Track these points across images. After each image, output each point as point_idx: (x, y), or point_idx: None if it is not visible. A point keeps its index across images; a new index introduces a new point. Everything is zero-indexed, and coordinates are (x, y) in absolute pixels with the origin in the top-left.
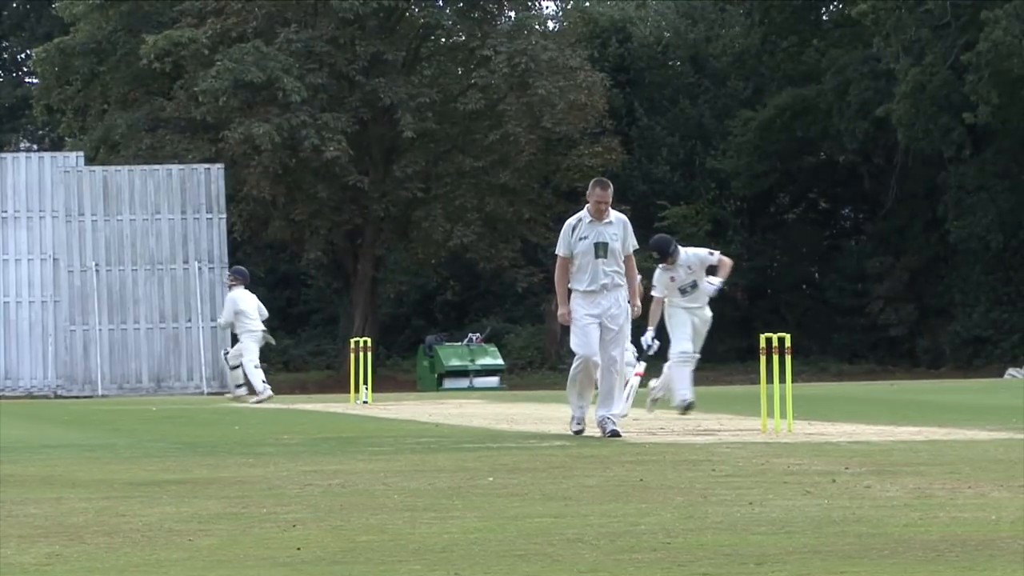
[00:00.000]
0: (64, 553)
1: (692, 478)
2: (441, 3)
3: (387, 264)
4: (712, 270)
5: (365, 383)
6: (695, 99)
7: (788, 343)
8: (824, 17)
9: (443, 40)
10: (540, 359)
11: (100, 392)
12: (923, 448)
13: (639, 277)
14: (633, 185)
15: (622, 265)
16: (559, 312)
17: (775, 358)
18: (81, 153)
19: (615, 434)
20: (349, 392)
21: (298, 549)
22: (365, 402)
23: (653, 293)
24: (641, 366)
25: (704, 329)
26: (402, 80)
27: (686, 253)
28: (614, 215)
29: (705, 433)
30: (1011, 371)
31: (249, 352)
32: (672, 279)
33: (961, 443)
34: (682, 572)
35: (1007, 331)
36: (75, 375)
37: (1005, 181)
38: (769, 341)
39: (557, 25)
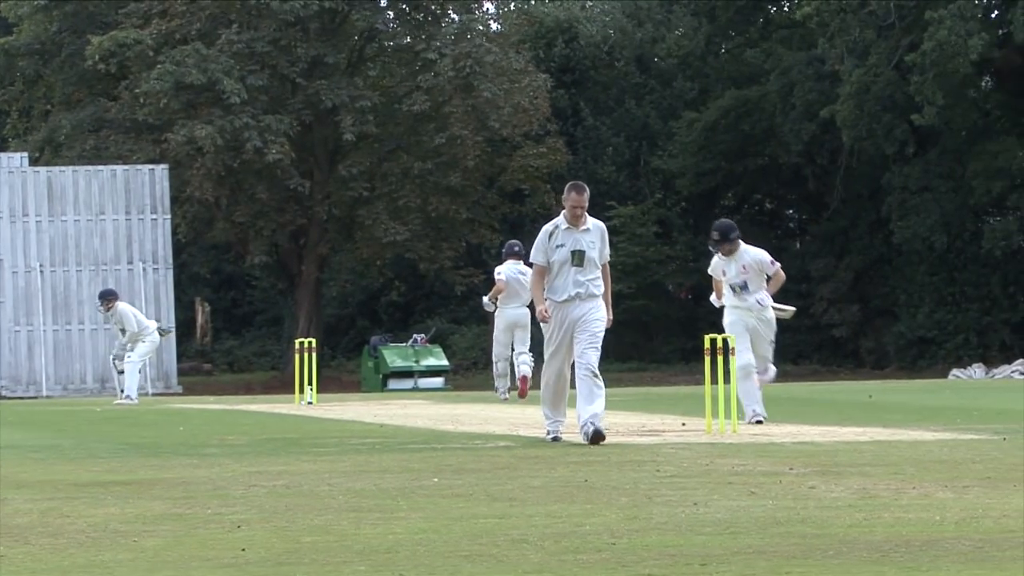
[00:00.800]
0: (8, 554)
1: (637, 479)
2: (384, 3)
3: (331, 265)
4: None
5: (310, 384)
6: (641, 99)
7: (732, 344)
8: (769, 18)
9: (387, 43)
10: (485, 360)
11: (45, 393)
12: (867, 449)
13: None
14: None
15: (599, 274)
16: (538, 310)
17: (719, 359)
18: (25, 154)
19: (599, 434)
20: (294, 393)
21: (243, 550)
22: (310, 403)
23: (710, 271)
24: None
25: (768, 333)
26: (344, 82)
27: (746, 250)
28: (591, 222)
29: (650, 434)
30: (955, 372)
31: (144, 355)
32: (724, 272)
33: (905, 444)
34: (627, 573)
35: (951, 332)
36: (19, 376)
37: (949, 182)
38: (714, 342)
39: (500, 26)
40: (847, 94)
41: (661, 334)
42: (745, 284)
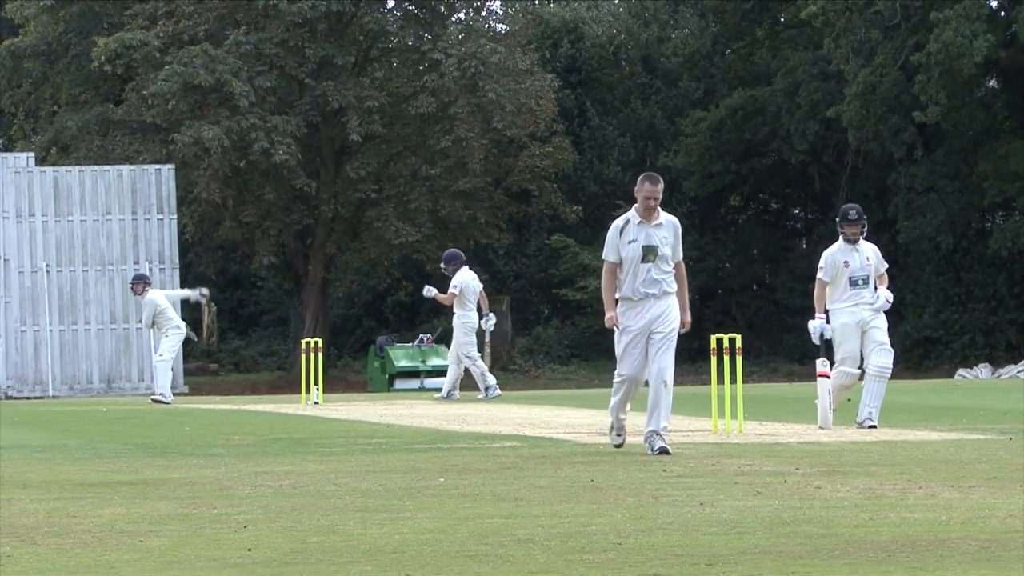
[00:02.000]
0: (14, 554)
1: (643, 479)
2: (392, 3)
3: (338, 265)
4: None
5: (316, 384)
6: (647, 100)
7: (739, 344)
8: (775, 18)
9: (392, 43)
10: (491, 360)
11: (51, 393)
12: (873, 449)
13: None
14: (584, 185)
15: (672, 271)
16: (606, 316)
17: (726, 359)
18: (31, 154)
19: (664, 451)
20: (300, 393)
21: (249, 550)
22: (316, 403)
23: (819, 276)
24: (824, 364)
25: (877, 333)
26: (351, 83)
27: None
28: (664, 216)
29: None
30: (961, 372)
31: (171, 350)
32: (846, 263)
33: (911, 444)
34: (633, 573)
35: (957, 332)
36: (25, 376)
37: (955, 182)
38: (720, 342)
39: (505, 27)
40: (853, 94)
41: None
42: (867, 279)
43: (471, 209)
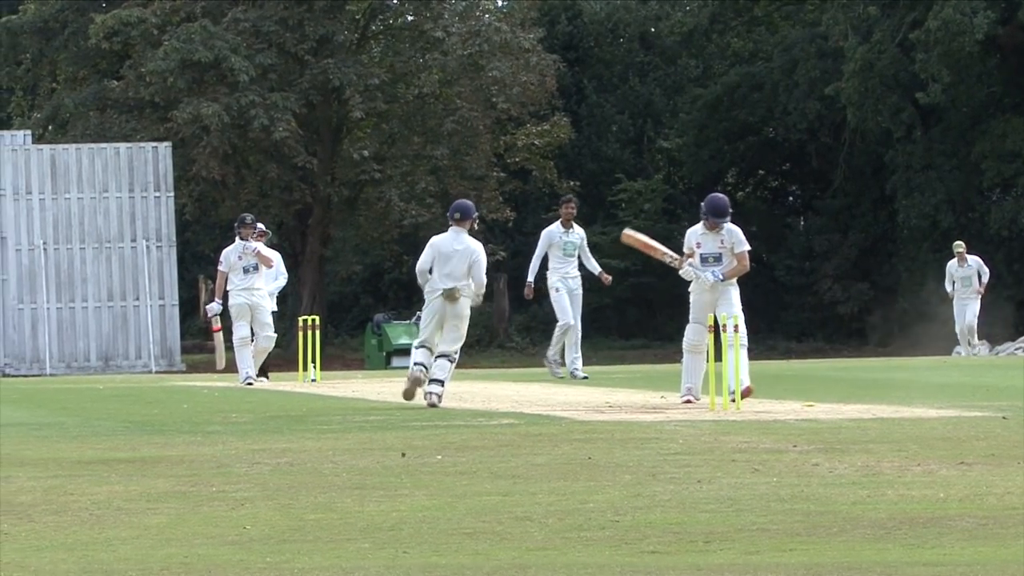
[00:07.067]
0: (12, 532)
1: (640, 456)
2: None
3: (335, 243)
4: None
5: (313, 362)
6: (644, 77)
7: (737, 322)
8: None
9: (392, 21)
10: (489, 337)
11: (48, 371)
12: (871, 426)
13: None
14: (582, 163)
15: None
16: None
17: (723, 336)
18: (28, 131)
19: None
20: (297, 371)
21: (246, 527)
22: (313, 380)
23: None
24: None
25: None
26: (351, 61)
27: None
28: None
29: (653, 411)
30: (958, 349)
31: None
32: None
33: (909, 421)
34: (630, 550)
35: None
36: (23, 354)
37: (953, 160)
38: (717, 319)
39: (505, 2)
40: (851, 71)
41: (665, 311)
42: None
43: (478, 190)
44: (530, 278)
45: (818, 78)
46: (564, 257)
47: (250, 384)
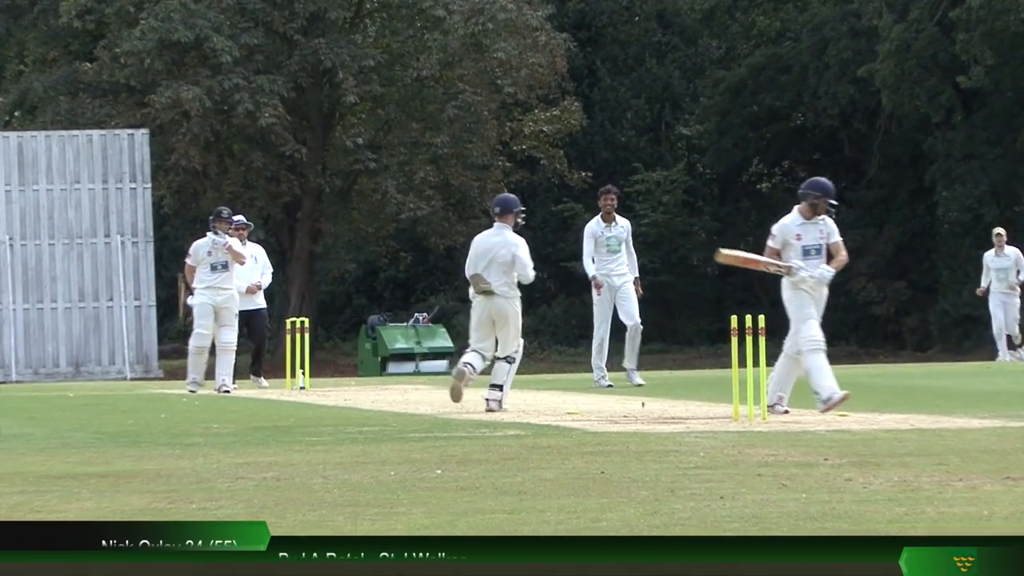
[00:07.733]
0: None
1: (658, 470)
2: None
3: (327, 238)
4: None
5: (302, 367)
6: (662, 58)
7: (763, 324)
8: None
9: None
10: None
11: (14, 377)
12: (909, 437)
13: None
14: (595, 151)
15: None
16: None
17: (748, 340)
18: None
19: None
20: (285, 377)
21: None
22: (302, 388)
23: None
24: None
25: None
26: (344, 41)
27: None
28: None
29: (672, 421)
30: (1002, 354)
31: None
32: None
33: (950, 432)
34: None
35: None
36: None
37: (996, 148)
38: (742, 321)
39: None
40: (886, 52)
41: (685, 313)
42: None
43: (481, 180)
44: (591, 272)
45: (850, 59)
46: (608, 254)
47: (226, 392)
